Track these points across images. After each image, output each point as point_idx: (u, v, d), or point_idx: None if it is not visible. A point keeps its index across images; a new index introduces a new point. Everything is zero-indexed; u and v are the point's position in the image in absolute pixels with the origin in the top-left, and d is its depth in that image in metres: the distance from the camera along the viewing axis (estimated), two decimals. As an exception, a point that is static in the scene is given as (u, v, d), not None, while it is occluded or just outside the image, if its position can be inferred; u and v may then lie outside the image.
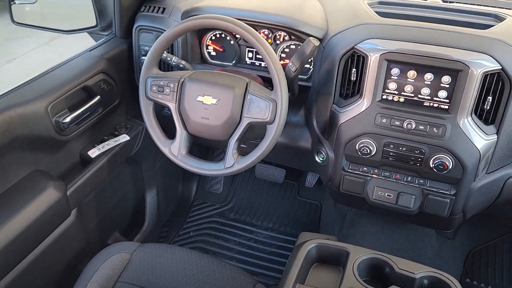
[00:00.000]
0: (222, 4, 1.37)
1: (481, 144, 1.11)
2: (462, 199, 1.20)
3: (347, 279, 1.01)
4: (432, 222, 1.35)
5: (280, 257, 1.90)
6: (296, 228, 2.02)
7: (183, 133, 1.22)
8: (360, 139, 1.20)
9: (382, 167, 1.25)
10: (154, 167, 1.84)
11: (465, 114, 1.09)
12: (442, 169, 1.14)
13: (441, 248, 1.70)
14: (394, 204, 1.26)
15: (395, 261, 1.03)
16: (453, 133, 1.11)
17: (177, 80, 1.19)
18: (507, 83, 1.06)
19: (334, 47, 1.20)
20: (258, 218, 2.08)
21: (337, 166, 1.30)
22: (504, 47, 1.06)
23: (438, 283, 1.00)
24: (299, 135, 1.41)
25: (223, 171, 1.18)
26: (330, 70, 1.22)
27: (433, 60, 1.09)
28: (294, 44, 1.35)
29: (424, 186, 1.22)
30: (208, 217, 2.11)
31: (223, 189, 2.20)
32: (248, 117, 1.14)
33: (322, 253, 1.10)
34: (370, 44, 1.14)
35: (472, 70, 1.05)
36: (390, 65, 1.13)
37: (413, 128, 1.14)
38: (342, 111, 1.22)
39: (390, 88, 1.16)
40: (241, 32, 1.11)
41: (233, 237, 2.01)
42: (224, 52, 1.45)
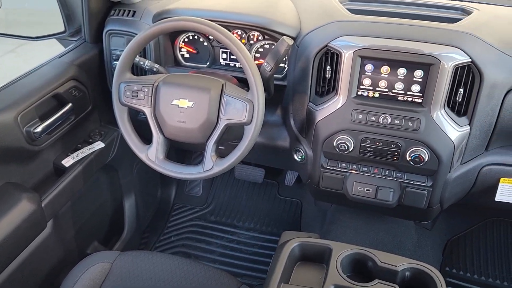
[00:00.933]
0: (194, 5, 1.36)
1: (454, 135, 1.13)
2: (439, 190, 1.22)
3: (331, 275, 1.01)
4: (411, 214, 1.37)
5: (263, 257, 1.90)
6: (278, 227, 2.02)
7: (159, 137, 1.20)
8: (338, 135, 1.21)
9: (360, 162, 1.26)
10: (132, 173, 1.81)
11: (438, 107, 1.12)
12: (419, 162, 1.16)
13: (420, 239, 1.74)
14: (373, 198, 1.28)
15: (377, 255, 1.05)
16: (427, 126, 1.13)
17: (151, 84, 1.17)
18: (477, 75, 1.08)
19: (308, 45, 1.20)
20: (239, 219, 2.08)
21: (316, 164, 1.31)
22: (472, 40, 1.09)
23: (420, 274, 1.02)
24: (277, 134, 1.41)
25: (202, 174, 1.17)
26: (305, 68, 1.22)
27: (405, 55, 1.11)
28: (268, 43, 1.35)
29: (401, 179, 1.24)
30: (188, 221, 2.09)
31: (202, 191, 2.18)
32: (225, 119, 1.13)
33: (305, 251, 1.10)
34: (343, 41, 1.15)
35: (443, 64, 1.07)
36: (363, 62, 1.14)
37: (388, 123, 1.16)
38: (318, 109, 1.23)
39: (365, 84, 1.17)
40: (215, 34, 1.10)
41: (215, 240, 1.99)
42: (198, 54, 1.44)
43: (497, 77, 1.08)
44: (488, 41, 1.09)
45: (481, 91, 1.09)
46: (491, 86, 1.08)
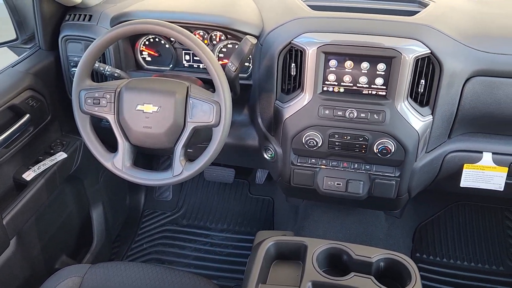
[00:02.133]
0: (153, 7, 1.33)
1: (418, 125, 1.16)
2: (406, 179, 1.25)
3: (307, 272, 1.01)
4: (381, 204, 1.39)
5: (238, 257, 1.89)
6: (251, 226, 2.02)
7: (125, 144, 1.17)
8: (306, 132, 1.22)
9: (330, 157, 1.27)
10: (98, 182, 1.75)
11: (402, 98, 1.14)
12: (386, 153, 1.18)
13: (390, 228, 1.78)
14: (344, 192, 1.29)
15: (352, 248, 1.06)
16: (392, 117, 1.15)
17: (113, 90, 1.14)
18: (437, 66, 1.11)
19: (272, 43, 1.20)
20: (211, 221, 2.06)
21: (286, 161, 1.31)
22: (431, 32, 1.12)
23: (394, 264, 1.04)
24: (245, 134, 1.40)
25: (172, 179, 1.15)
26: (270, 66, 1.22)
27: (367, 49, 1.12)
28: (231, 43, 1.34)
29: (370, 171, 1.26)
30: (160, 227, 2.05)
31: (172, 196, 2.15)
32: (192, 122, 1.11)
33: (280, 250, 1.10)
34: (306, 38, 1.15)
35: (404, 56, 1.09)
36: (327, 57, 1.15)
37: (355, 117, 1.17)
38: (285, 107, 1.23)
39: (330, 79, 1.18)
40: (176, 36, 1.08)
41: (189, 244, 1.97)
42: (160, 56, 1.41)
43: (456, 66, 1.11)
44: (446, 32, 1.13)
45: (441, 81, 1.12)
46: (450, 76, 1.11)
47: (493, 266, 1.77)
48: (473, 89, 1.14)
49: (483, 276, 1.73)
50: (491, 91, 1.13)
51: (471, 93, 1.14)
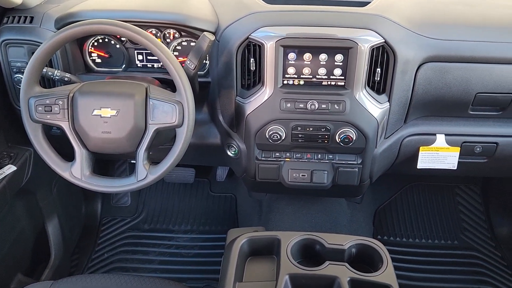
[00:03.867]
0: (100, 6, 1.26)
1: (377, 112, 1.20)
2: (368, 166, 1.29)
3: (283, 265, 1.02)
4: (345, 191, 1.43)
5: (205, 257, 1.87)
6: (215, 225, 2.00)
7: (83, 152, 1.11)
8: (269, 126, 1.22)
9: (293, 149, 1.28)
10: (51, 194, 1.66)
11: (360, 87, 1.17)
12: (348, 142, 1.21)
13: (353, 214, 1.83)
14: (309, 182, 1.31)
15: (324, 237, 1.08)
16: (352, 107, 1.18)
17: (66, 96, 1.08)
18: (391, 54, 1.15)
19: (229, 39, 1.19)
20: (174, 223, 2.02)
21: (250, 157, 1.31)
22: (383, 21, 1.15)
23: (365, 249, 1.07)
24: (207, 132, 1.38)
25: (137, 184, 1.11)
26: (228, 62, 1.20)
27: (324, 41, 1.14)
28: (186, 40, 1.31)
29: (333, 160, 1.28)
30: (120, 234, 1.98)
31: (131, 201, 2.08)
32: (154, 124, 1.08)
33: (254, 246, 1.10)
34: (264, 32, 1.15)
35: (360, 46, 1.12)
36: (286, 51, 1.16)
37: (316, 108, 1.19)
38: (246, 102, 1.22)
39: (290, 72, 1.18)
40: (132, 35, 1.03)
41: (152, 248, 1.92)
42: (110, 57, 1.35)
43: (408, 54, 1.15)
44: (397, 21, 1.17)
45: (395, 69, 1.16)
46: (404, 63, 1.16)
47: (448, 241, 1.87)
48: (425, 75, 1.19)
49: (440, 251, 1.83)
50: (442, 75, 1.19)
51: (424, 78, 1.19)
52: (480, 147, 1.31)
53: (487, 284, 1.69)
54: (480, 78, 1.18)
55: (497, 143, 1.30)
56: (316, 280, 1.00)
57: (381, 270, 1.01)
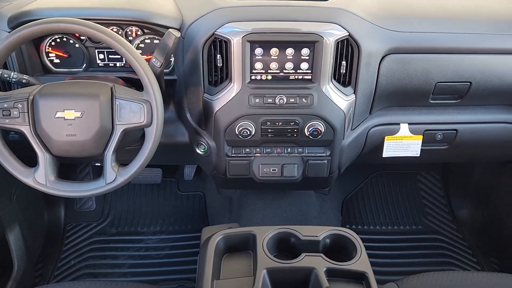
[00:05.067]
0: (57, 4, 1.21)
1: (343, 105, 1.22)
2: (336, 157, 1.32)
3: (260, 260, 1.02)
4: (315, 183, 1.45)
5: (176, 258, 1.84)
6: (185, 224, 1.98)
7: (46, 157, 1.07)
8: (238, 122, 1.22)
9: (263, 144, 1.29)
10: (11, 202, 1.58)
11: (326, 80, 1.19)
12: (317, 135, 1.23)
13: (322, 205, 1.86)
14: (280, 176, 1.32)
15: (298, 230, 1.09)
16: (319, 100, 1.20)
17: (25, 99, 1.03)
18: (355, 47, 1.17)
19: (194, 35, 1.17)
20: (143, 225, 1.98)
21: (220, 154, 1.30)
22: (347, 15, 1.17)
23: (339, 238, 1.09)
24: (174, 131, 1.36)
25: (106, 187, 1.08)
26: (194, 59, 1.19)
27: (290, 35, 1.15)
28: (149, 38, 1.28)
29: (303, 153, 1.30)
30: (87, 239, 1.92)
31: (96, 205, 2.02)
32: (121, 124, 1.05)
33: (230, 243, 1.10)
34: (230, 28, 1.14)
35: (325, 40, 1.13)
36: (253, 46, 1.15)
37: (285, 103, 1.20)
38: (214, 99, 1.21)
39: (257, 68, 1.18)
40: (94, 34, 1.00)
41: (121, 252, 1.87)
42: (69, 57, 1.30)
43: (372, 46, 1.18)
44: (360, 15, 1.19)
45: (360, 61, 1.18)
46: (368, 56, 1.18)
47: (413, 226, 1.95)
48: (388, 67, 1.22)
49: (405, 236, 1.90)
50: (403, 66, 1.23)
51: (387, 70, 1.23)
52: (441, 135, 1.37)
53: (450, 265, 1.77)
54: (439, 68, 1.23)
55: (457, 130, 1.36)
56: (294, 273, 1.01)
57: (356, 258, 1.03)
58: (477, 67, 1.23)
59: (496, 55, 1.23)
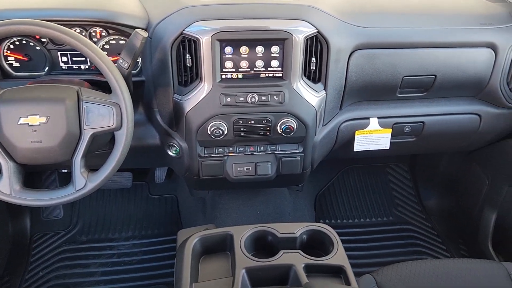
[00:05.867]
0: (16, 5, 1.16)
1: (314, 101, 1.23)
2: (309, 153, 1.32)
3: (238, 260, 1.02)
4: (289, 180, 1.46)
5: (150, 262, 1.81)
6: (158, 228, 1.94)
7: (10, 165, 1.02)
8: (210, 122, 1.20)
9: (236, 144, 1.28)
10: (-28, 214, 1.50)
11: (297, 77, 1.19)
12: (289, 132, 1.23)
13: (295, 201, 1.87)
14: (254, 175, 1.32)
15: (275, 227, 1.09)
16: (290, 97, 1.20)
17: None
18: (324, 44, 1.18)
19: (162, 35, 1.15)
20: (114, 231, 1.93)
21: (192, 155, 1.28)
22: (315, 12, 1.18)
23: (315, 234, 1.10)
24: (144, 133, 1.33)
25: (76, 194, 1.04)
26: (163, 59, 1.17)
27: (259, 33, 1.14)
28: (114, 39, 1.24)
29: (276, 151, 1.30)
30: (55, 249, 1.85)
31: (64, 213, 1.95)
32: (90, 129, 1.02)
33: (206, 244, 1.09)
34: (198, 27, 1.13)
35: (295, 37, 1.14)
36: (222, 45, 1.14)
37: (256, 101, 1.19)
38: (185, 99, 1.20)
39: (227, 67, 1.17)
40: (57, 35, 0.96)
41: (93, 260, 1.82)
42: (30, 61, 1.24)
43: (340, 43, 1.19)
44: (328, 12, 1.20)
45: (329, 57, 1.19)
46: (337, 52, 1.20)
47: (384, 217, 1.99)
48: (356, 62, 1.24)
49: (378, 228, 1.94)
50: (371, 61, 1.25)
51: (355, 65, 1.24)
52: (409, 127, 1.40)
53: (421, 254, 1.82)
54: (405, 62, 1.26)
55: (424, 122, 1.40)
56: (273, 271, 1.01)
57: (333, 252, 1.04)
58: (441, 61, 1.27)
59: (459, 49, 1.27)
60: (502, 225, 1.59)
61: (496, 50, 1.28)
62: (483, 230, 1.65)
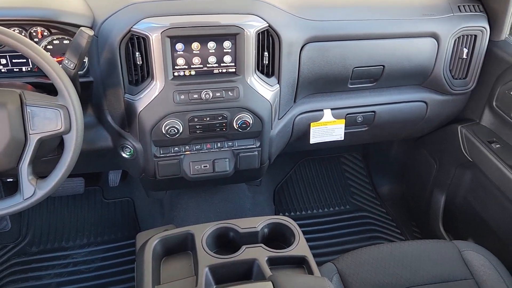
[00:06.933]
0: None
1: (269, 95, 1.23)
2: (266, 147, 1.33)
3: (201, 259, 1.01)
4: (247, 175, 1.46)
5: (108, 269, 1.75)
6: (115, 233, 1.88)
7: None
8: (165, 121, 1.18)
9: (192, 142, 1.26)
10: None
11: (251, 72, 1.19)
12: (246, 127, 1.23)
13: (254, 197, 1.88)
14: (212, 172, 1.31)
15: (236, 223, 1.09)
16: (245, 92, 1.20)
17: None
18: (275, 38, 1.19)
19: (109, 33, 1.10)
20: (68, 239, 1.85)
21: (148, 156, 1.25)
22: (265, 6, 1.18)
23: (276, 227, 1.11)
24: (95, 136, 1.28)
25: (25, 203, 0.99)
26: (111, 58, 1.12)
27: (210, 28, 1.13)
28: (58, 38, 1.18)
29: (233, 147, 1.30)
30: (4, 263, 1.75)
31: (12, 224, 1.85)
32: (36, 133, 0.96)
33: (167, 245, 1.07)
34: (147, 24, 1.09)
35: (246, 32, 1.13)
36: (173, 41, 1.12)
37: (211, 97, 1.18)
38: (137, 99, 1.16)
39: (179, 64, 1.15)
40: None
41: (46, 271, 1.73)
42: None
43: (292, 36, 1.20)
44: (278, 6, 1.21)
45: (281, 51, 1.20)
46: (289, 45, 1.20)
47: (341, 206, 2.04)
48: (308, 55, 1.26)
49: (336, 217, 1.98)
50: (323, 54, 1.27)
51: (307, 58, 1.26)
52: (361, 117, 1.44)
53: (378, 239, 1.88)
54: (355, 54, 1.29)
55: (375, 112, 1.44)
56: (236, 266, 1.01)
57: (295, 243, 1.06)
58: (389, 51, 1.31)
59: (404, 39, 1.32)
60: (451, 206, 1.68)
61: (439, 39, 1.34)
62: (434, 212, 1.73)
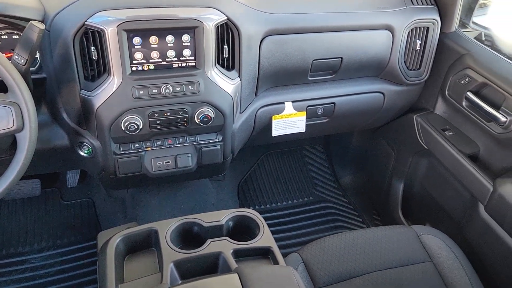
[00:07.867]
0: None
1: (230, 89, 1.23)
2: (229, 141, 1.33)
3: (165, 255, 1.00)
4: (210, 170, 1.45)
5: (70, 272, 1.69)
6: (75, 235, 1.82)
7: None
8: (123, 117, 1.15)
9: (153, 137, 1.24)
10: None
11: (211, 66, 1.18)
12: (207, 121, 1.22)
13: (218, 192, 1.87)
14: (174, 168, 1.29)
15: (201, 217, 1.08)
16: (206, 86, 1.19)
17: None
18: (235, 31, 1.18)
19: (62, 27, 1.06)
20: (24, 244, 1.77)
21: (107, 153, 1.22)
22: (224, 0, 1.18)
23: (241, 219, 1.12)
24: (50, 134, 1.23)
25: (-24, 207, 0.94)
26: (65, 54, 1.08)
27: (168, 22, 1.11)
28: (6, 33, 1.12)
29: (195, 142, 1.29)
30: (-45, 272, 1.66)
31: (-38, 231, 1.75)
32: (-15, 133, 0.92)
33: (130, 243, 1.05)
34: (101, 17, 1.06)
35: (205, 25, 1.12)
36: (130, 35, 1.09)
37: (171, 92, 1.16)
38: (94, 95, 1.13)
39: (137, 58, 1.12)
40: None
41: (2, 278, 1.66)
42: None
43: (251, 29, 1.20)
44: (236, -1, 1.20)
45: (241, 44, 1.20)
46: (248, 39, 1.20)
47: (305, 198, 2.07)
48: (267, 48, 1.26)
49: (300, 209, 2.01)
50: (282, 47, 1.28)
51: (267, 51, 1.26)
52: (322, 109, 1.46)
53: (341, 228, 1.92)
54: (314, 47, 1.31)
55: (335, 103, 1.47)
56: (201, 260, 1.01)
57: (260, 235, 1.06)
58: (346, 43, 1.34)
59: (360, 31, 1.35)
60: (409, 193, 1.74)
61: (393, 31, 1.38)
62: (393, 200, 1.79)
